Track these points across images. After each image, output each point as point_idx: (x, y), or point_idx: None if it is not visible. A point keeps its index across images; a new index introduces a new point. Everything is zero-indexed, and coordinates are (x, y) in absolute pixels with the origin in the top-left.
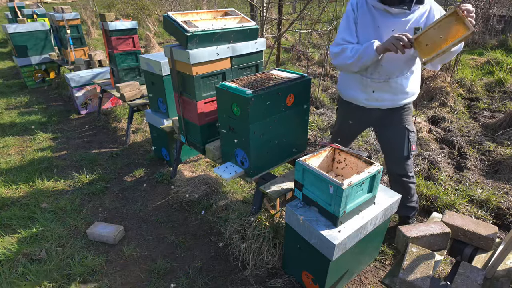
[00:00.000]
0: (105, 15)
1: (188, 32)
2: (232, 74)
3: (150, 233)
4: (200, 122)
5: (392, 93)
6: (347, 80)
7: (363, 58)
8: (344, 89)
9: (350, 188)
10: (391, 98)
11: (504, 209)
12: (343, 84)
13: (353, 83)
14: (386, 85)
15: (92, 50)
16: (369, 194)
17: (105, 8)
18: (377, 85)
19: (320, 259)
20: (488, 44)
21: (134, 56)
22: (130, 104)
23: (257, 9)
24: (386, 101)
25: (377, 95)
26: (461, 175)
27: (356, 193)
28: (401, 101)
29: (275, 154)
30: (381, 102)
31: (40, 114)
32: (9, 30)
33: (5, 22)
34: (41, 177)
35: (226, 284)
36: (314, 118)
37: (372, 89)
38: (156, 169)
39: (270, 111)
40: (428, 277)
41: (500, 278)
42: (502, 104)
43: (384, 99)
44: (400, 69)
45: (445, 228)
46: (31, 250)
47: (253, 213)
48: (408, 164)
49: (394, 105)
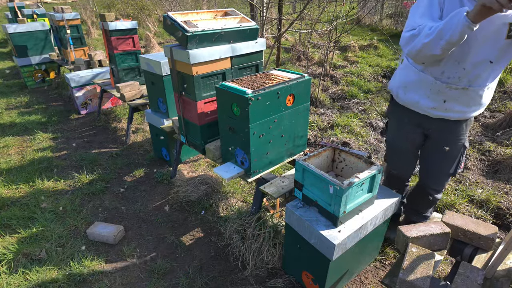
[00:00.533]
0: (105, 15)
1: (188, 32)
2: (232, 74)
3: (150, 233)
4: (200, 122)
5: (466, 105)
6: (411, 79)
7: (449, 30)
8: (404, 89)
9: (350, 188)
10: (462, 109)
11: (504, 209)
12: (403, 82)
13: (420, 85)
14: (463, 94)
15: (92, 50)
16: (369, 194)
17: (105, 8)
18: (453, 93)
19: (320, 259)
20: None
21: (134, 56)
22: (130, 104)
23: (257, 9)
24: (456, 113)
25: (448, 105)
26: (461, 175)
27: (356, 193)
28: (471, 114)
29: (275, 154)
30: (449, 113)
31: (40, 114)
32: (9, 30)
33: (5, 22)
34: (41, 177)
35: (226, 284)
36: (314, 118)
37: (445, 98)
38: (156, 169)
39: (270, 111)
40: (428, 277)
41: (500, 278)
42: (502, 104)
43: (455, 110)
44: (486, 74)
45: (445, 228)
46: (31, 250)
47: (253, 213)
48: (448, 181)
49: (462, 117)
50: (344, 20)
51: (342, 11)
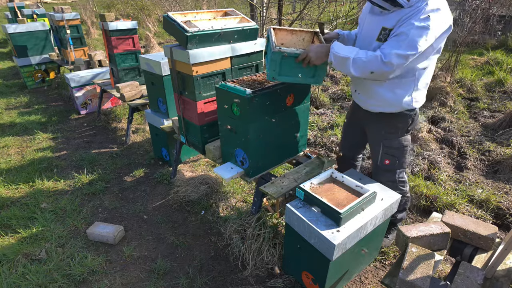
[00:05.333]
0: (105, 15)
1: (188, 32)
2: (232, 74)
3: (150, 233)
4: (200, 122)
5: (367, 96)
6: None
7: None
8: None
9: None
10: (365, 100)
11: (504, 209)
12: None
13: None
14: (361, 84)
15: (92, 50)
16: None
17: (105, 8)
18: (355, 81)
19: (320, 259)
20: (488, 44)
21: (134, 56)
22: (130, 104)
23: (257, 9)
24: (362, 102)
25: (357, 93)
26: (461, 175)
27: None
28: (372, 108)
29: (275, 154)
30: (359, 101)
31: (40, 114)
32: (9, 30)
33: (5, 22)
34: (41, 177)
35: (226, 284)
36: (314, 118)
37: (355, 87)
38: (156, 169)
39: (270, 111)
40: (428, 277)
41: (500, 278)
42: (502, 104)
43: (360, 99)
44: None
45: (445, 228)
46: (31, 250)
47: (253, 213)
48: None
49: (369, 109)
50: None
51: (342, 11)
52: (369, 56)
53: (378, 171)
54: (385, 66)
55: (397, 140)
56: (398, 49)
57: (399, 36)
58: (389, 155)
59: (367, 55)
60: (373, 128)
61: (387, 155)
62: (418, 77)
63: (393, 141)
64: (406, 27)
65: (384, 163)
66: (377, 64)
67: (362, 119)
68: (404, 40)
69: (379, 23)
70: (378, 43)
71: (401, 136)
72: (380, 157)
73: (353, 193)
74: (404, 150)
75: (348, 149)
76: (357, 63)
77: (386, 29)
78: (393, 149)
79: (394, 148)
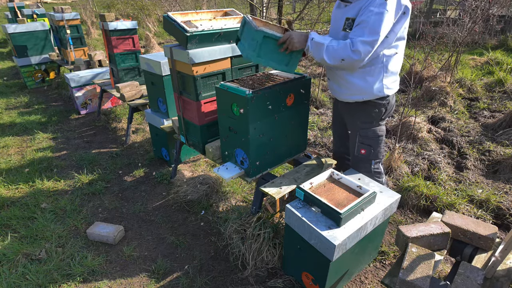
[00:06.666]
0: (105, 15)
1: (188, 32)
2: (232, 74)
3: (150, 233)
4: (200, 122)
5: (339, 85)
6: None
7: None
8: None
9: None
10: (339, 90)
11: (504, 209)
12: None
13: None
14: (334, 74)
15: (92, 50)
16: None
17: (105, 8)
18: (329, 72)
19: (320, 259)
20: (488, 44)
21: (134, 56)
22: (130, 104)
23: (257, 9)
24: (336, 93)
25: (332, 83)
26: (461, 175)
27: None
28: (346, 97)
29: (275, 154)
30: (334, 92)
31: (40, 114)
32: (9, 30)
33: (5, 22)
34: (41, 177)
35: (226, 284)
36: (314, 118)
37: (329, 76)
38: (156, 169)
39: (270, 111)
40: (428, 277)
41: (500, 278)
42: (502, 104)
43: (334, 90)
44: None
45: (445, 228)
46: (31, 250)
47: (253, 213)
48: (361, 166)
49: (343, 98)
50: None
51: None
52: (340, 44)
53: (355, 162)
54: (353, 54)
55: (372, 130)
56: (362, 36)
57: (360, 24)
58: (365, 145)
59: (339, 43)
60: (349, 119)
61: (363, 145)
62: (386, 64)
63: (368, 130)
64: (366, 15)
65: (360, 153)
66: (347, 51)
67: (341, 111)
68: (366, 27)
69: (344, 14)
70: (344, 32)
71: (376, 126)
72: (357, 147)
73: (353, 193)
74: (379, 140)
75: (339, 145)
76: (329, 50)
77: (349, 18)
78: (368, 139)
79: (369, 138)
